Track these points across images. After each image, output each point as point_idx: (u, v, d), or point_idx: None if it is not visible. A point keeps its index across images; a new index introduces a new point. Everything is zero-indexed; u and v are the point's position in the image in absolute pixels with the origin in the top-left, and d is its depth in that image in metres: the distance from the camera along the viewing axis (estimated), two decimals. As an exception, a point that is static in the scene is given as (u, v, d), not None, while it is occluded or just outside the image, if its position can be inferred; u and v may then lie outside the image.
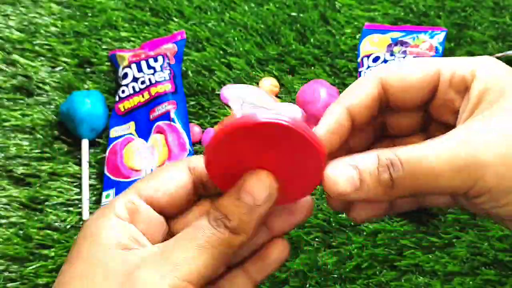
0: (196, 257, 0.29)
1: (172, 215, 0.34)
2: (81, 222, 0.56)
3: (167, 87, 0.61)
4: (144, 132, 0.59)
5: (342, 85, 0.64)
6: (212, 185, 0.33)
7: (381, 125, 0.36)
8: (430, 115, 0.35)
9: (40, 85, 0.64)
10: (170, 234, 0.33)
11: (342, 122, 0.32)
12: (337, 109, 0.33)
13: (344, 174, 0.30)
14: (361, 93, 0.33)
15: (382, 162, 0.30)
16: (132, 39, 0.67)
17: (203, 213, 0.32)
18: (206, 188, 0.34)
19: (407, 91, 0.33)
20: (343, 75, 0.65)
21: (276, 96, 0.64)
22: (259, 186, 0.30)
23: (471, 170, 0.29)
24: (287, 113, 0.32)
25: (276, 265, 0.34)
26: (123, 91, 0.62)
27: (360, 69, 0.63)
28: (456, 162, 0.29)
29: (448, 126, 0.33)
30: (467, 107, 0.31)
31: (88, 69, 0.66)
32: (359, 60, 0.63)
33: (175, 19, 0.69)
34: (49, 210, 0.57)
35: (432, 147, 0.30)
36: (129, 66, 0.63)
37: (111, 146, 0.59)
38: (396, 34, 0.64)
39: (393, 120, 0.35)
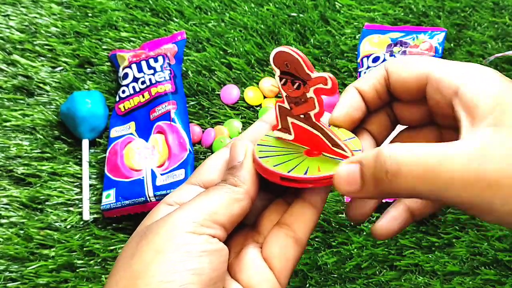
0: (208, 200, 0.33)
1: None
2: (81, 222, 0.57)
3: (167, 87, 0.61)
4: (144, 132, 0.59)
5: (342, 85, 0.64)
6: None
7: (394, 114, 0.38)
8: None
9: (41, 85, 0.64)
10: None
11: (355, 101, 0.36)
12: (349, 90, 0.36)
13: (347, 171, 0.31)
14: (370, 77, 0.36)
15: (381, 159, 0.30)
16: (133, 39, 0.67)
17: (279, 214, 0.35)
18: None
19: (400, 84, 0.35)
20: (343, 75, 0.65)
21: (276, 96, 0.64)
22: (235, 150, 0.35)
23: (479, 187, 0.28)
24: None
25: None
26: (123, 91, 0.62)
27: (360, 69, 0.63)
28: (467, 176, 0.28)
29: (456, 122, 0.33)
30: (465, 113, 0.31)
31: (88, 69, 0.66)
32: (359, 60, 0.64)
33: (175, 20, 0.69)
34: (50, 210, 0.57)
35: (446, 153, 0.29)
36: (129, 66, 0.63)
37: (111, 146, 0.59)
38: (395, 35, 0.64)
39: (400, 111, 0.37)
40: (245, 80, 0.64)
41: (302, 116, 0.35)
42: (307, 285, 0.52)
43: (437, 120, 0.36)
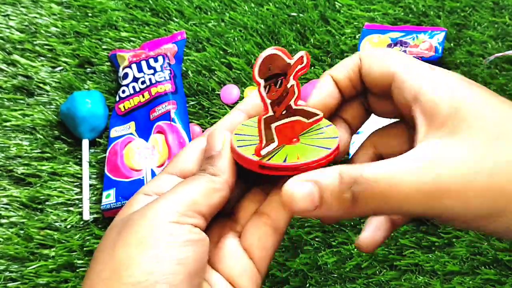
0: (188, 190, 0.32)
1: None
2: (81, 222, 0.57)
3: (167, 87, 0.61)
4: (144, 132, 0.59)
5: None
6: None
7: (368, 104, 0.38)
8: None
9: (41, 85, 0.64)
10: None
11: (330, 89, 0.36)
12: (325, 77, 0.37)
13: (302, 190, 0.30)
14: (344, 66, 0.36)
15: (345, 180, 0.29)
16: (133, 39, 0.67)
17: (257, 203, 0.35)
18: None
19: (370, 78, 0.35)
20: (343, 75, 0.65)
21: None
22: (213, 140, 0.35)
23: (435, 198, 0.28)
24: None
25: None
26: (123, 91, 0.62)
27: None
28: (422, 189, 0.28)
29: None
30: (422, 121, 0.32)
31: (88, 69, 0.66)
32: (359, 60, 0.64)
33: (175, 19, 0.69)
34: (50, 210, 0.57)
35: (398, 169, 0.29)
36: (129, 66, 0.63)
37: (111, 146, 0.59)
38: (395, 34, 0.64)
39: (373, 102, 0.37)
40: (245, 80, 0.64)
41: (284, 112, 0.35)
42: (307, 285, 0.52)
43: (403, 118, 0.36)
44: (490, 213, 0.29)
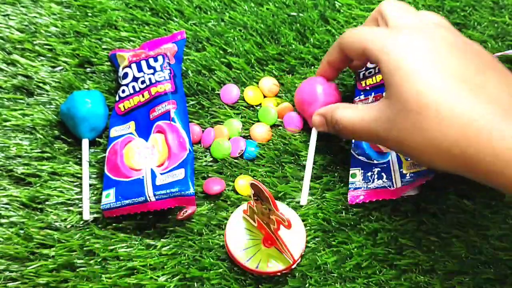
0: None
1: None
2: (81, 222, 0.57)
3: (167, 86, 0.61)
4: (144, 132, 0.59)
5: (341, 85, 0.64)
6: None
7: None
8: None
9: (41, 85, 0.64)
10: None
11: (327, 69, 0.59)
12: (323, 63, 0.59)
13: (318, 120, 0.57)
14: (331, 52, 0.57)
15: (330, 120, 0.54)
16: (132, 39, 0.67)
17: None
18: None
19: (349, 54, 0.54)
20: (343, 75, 0.65)
21: (276, 95, 0.64)
22: None
23: (386, 127, 0.47)
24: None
25: None
26: (123, 91, 0.62)
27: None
28: (368, 131, 0.49)
29: None
30: (386, 82, 0.48)
31: (88, 69, 0.66)
32: (358, 59, 0.64)
33: (175, 19, 0.69)
34: (50, 210, 0.57)
35: (358, 114, 0.50)
36: (129, 66, 0.63)
37: (111, 145, 0.59)
38: (395, 34, 0.64)
39: (358, 66, 0.61)
40: (245, 79, 0.64)
41: (264, 222, 0.50)
42: (307, 285, 0.53)
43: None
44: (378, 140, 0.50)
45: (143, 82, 0.62)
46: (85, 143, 0.60)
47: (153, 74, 0.62)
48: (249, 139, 0.61)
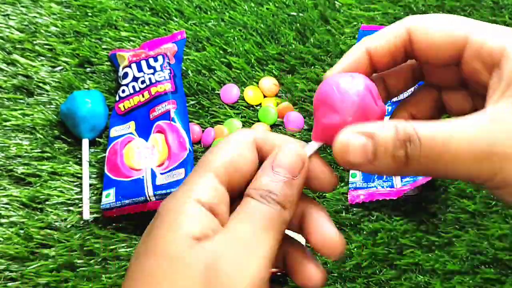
0: (265, 237, 0.28)
1: (237, 194, 0.31)
2: (81, 222, 0.57)
3: (167, 86, 0.61)
4: (144, 132, 0.59)
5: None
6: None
7: (420, 71, 0.34)
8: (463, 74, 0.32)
9: (41, 84, 0.64)
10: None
11: (360, 63, 0.32)
12: (356, 51, 0.32)
13: (358, 142, 0.28)
14: (384, 39, 0.32)
15: (400, 136, 0.27)
16: (132, 38, 0.67)
17: None
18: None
19: (431, 49, 0.31)
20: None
21: (276, 95, 0.64)
22: (290, 159, 0.30)
23: (491, 161, 0.27)
24: None
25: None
26: (123, 91, 0.62)
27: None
28: (478, 150, 0.27)
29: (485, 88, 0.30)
30: (498, 86, 0.29)
31: (88, 69, 0.66)
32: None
33: (175, 19, 0.69)
34: (50, 210, 0.57)
35: (455, 129, 0.27)
36: (129, 66, 0.63)
37: (111, 145, 0.59)
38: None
39: (428, 69, 0.34)
40: (245, 79, 0.64)
41: None
42: (307, 284, 0.52)
43: (469, 85, 0.33)
44: None
45: (143, 82, 0.62)
46: (85, 143, 0.60)
47: (153, 74, 0.62)
48: (249, 139, 0.61)
